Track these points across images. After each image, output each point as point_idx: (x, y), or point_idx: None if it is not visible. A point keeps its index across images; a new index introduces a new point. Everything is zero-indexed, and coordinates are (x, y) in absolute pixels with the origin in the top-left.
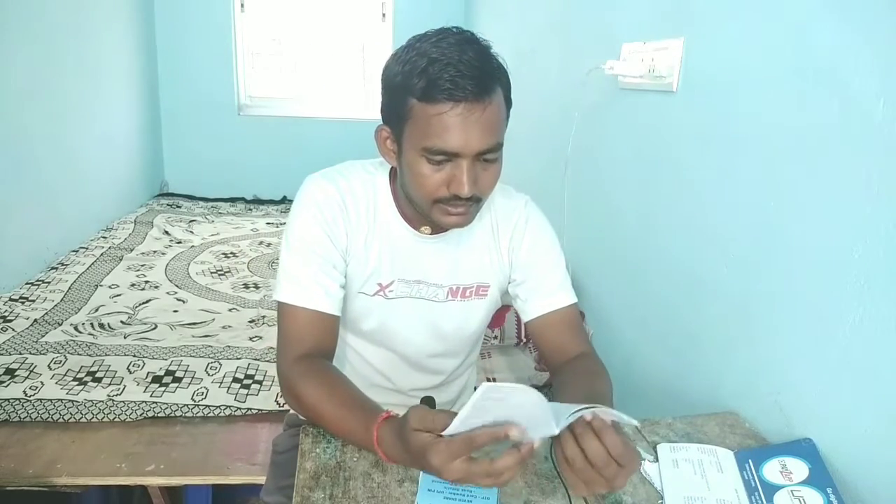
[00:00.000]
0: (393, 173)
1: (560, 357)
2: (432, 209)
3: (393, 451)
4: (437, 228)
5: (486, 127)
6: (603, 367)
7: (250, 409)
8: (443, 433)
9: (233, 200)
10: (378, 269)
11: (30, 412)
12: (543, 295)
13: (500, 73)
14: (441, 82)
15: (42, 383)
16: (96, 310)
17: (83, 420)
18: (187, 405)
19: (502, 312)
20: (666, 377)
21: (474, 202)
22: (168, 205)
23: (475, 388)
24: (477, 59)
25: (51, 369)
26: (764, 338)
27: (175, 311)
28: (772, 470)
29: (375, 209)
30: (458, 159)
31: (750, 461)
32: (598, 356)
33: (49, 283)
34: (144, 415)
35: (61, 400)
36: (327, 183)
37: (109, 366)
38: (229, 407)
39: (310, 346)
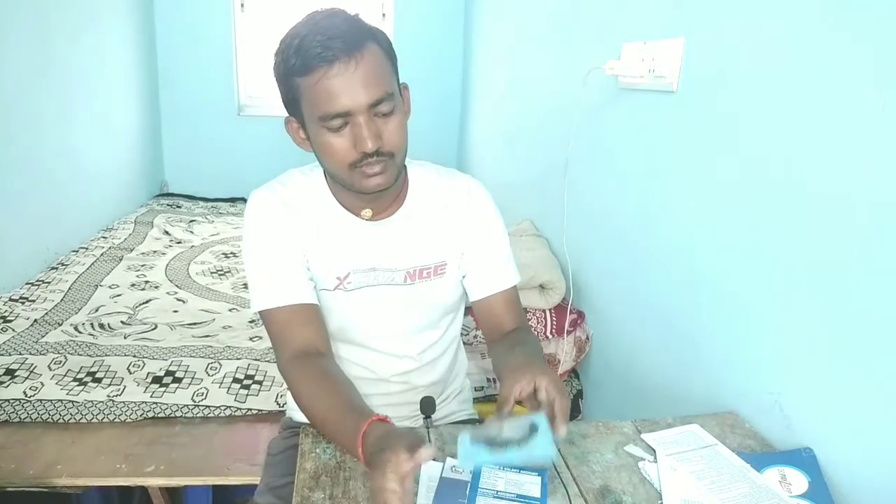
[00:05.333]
0: None
1: (499, 333)
2: (352, 177)
3: (372, 447)
4: (378, 210)
5: (367, 79)
6: (534, 336)
7: (250, 409)
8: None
9: (233, 200)
10: (334, 262)
11: (30, 412)
12: (490, 276)
13: (373, 31)
14: (312, 51)
15: (42, 384)
16: (96, 310)
17: (83, 420)
18: (187, 405)
19: None
20: (666, 377)
21: (388, 157)
22: (168, 205)
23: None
24: (344, 23)
25: (51, 370)
26: (764, 338)
27: (175, 312)
28: (771, 478)
29: (318, 205)
30: (353, 117)
31: (749, 466)
32: (532, 331)
33: (49, 283)
34: (144, 415)
35: (61, 400)
36: (268, 193)
37: (109, 366)
38: (229, 407)
39: (299, 342)
